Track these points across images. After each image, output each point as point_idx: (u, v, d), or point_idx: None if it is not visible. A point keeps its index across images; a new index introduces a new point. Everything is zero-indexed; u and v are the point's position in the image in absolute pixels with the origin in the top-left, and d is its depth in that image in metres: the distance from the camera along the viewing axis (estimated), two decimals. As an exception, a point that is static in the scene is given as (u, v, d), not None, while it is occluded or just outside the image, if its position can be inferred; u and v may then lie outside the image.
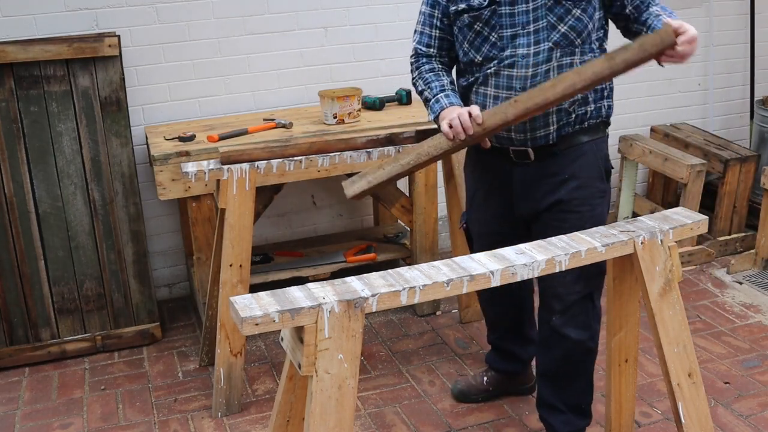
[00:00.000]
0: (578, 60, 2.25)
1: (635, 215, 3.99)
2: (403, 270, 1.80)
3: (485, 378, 2.87)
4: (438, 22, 2.38)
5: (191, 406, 2.92)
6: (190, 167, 2.59)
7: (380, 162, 2.42)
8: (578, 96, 2.24)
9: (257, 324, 1.59)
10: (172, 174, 3.05)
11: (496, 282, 1.81)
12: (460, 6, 2.29)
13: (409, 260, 3.49)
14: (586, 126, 2.32)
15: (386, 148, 2.71)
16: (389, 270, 1.81)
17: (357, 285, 1.73)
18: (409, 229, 3.44)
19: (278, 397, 1.91)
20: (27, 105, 3.03)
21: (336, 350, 1.67)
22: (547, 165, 2.33)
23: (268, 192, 3.01)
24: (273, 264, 3.45)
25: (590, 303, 2.39)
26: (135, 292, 3.29)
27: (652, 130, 4.28)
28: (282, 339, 1.79)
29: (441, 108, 2.31)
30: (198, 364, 3.19)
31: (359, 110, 3.40)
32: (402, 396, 2.92)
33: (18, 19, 3.25)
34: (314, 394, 1.67)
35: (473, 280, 1.79)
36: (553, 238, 1.98)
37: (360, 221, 4.05)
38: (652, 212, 2.63)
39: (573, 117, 2.28)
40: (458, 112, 2.22)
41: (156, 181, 3.08)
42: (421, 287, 1.74)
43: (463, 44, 2.33)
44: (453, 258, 1.87)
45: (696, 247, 3.87)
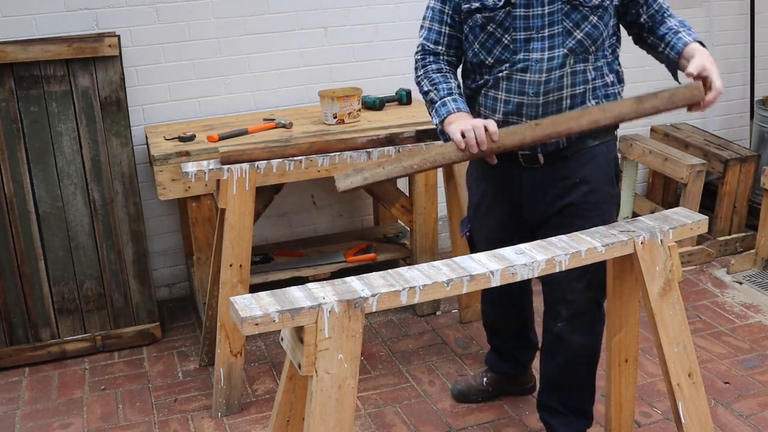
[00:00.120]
0: (591, 67, 2.20)
1: (635, 215, 3.99)
2: (403, 270, 1.80)
3: (485, 379, 2.86)
4: (448, 19, 2.27)
5: (191, 406, 2.92)
6: (190, 167, 2.59)
7: (379, 160, 2.41)
8: (593, 103, 2.22)
9: (257, 324, 1.59)
10: (172, 174, 3.05)
11: (496, 282, 1.81)
12: (474, 4, 2.19)
13: (409, 260, 3.49)
14: (596, 129, 2.29)
15: (386, 148, 2.72)
16: (389, 270, 1.81)
17: (357, 285, 1.73)
18: (409, 229, 3.44)
19: (278, 397, 1.91)
20: (27, 105, 3.03)
21: (336, 350, 1.67)
22: (558, 169, 2.28)
23: (268, 192, 3.01)
24: (273, 264, 3.45)
25: (597, 309, 2.38)
26: (135, 292, 3.29)
27: (652, 130, 4.28)
28: (282, 339, 1.79)
29: (448, 112, 2.21)
30: (198, 364, 3.19)
31: (359, 110, 3.40)
32: (402, 396, 2.92)
33: (18, 19, 3.25)
34: (314, 394, 1.67)
35: (473, 280, 1.79)
36: (553, 238, 1.97)
37: (360, 221, 4.05)
38: (652, 212, 2.63)
39: None
40: (474, 125, 2.09)
41: (156, 181, 3.08)
42: (421, 287, 1.74)
43: (474, 44, 2.24)
44: (453, 258, 1.87)
45: (696, 247, 3.87)
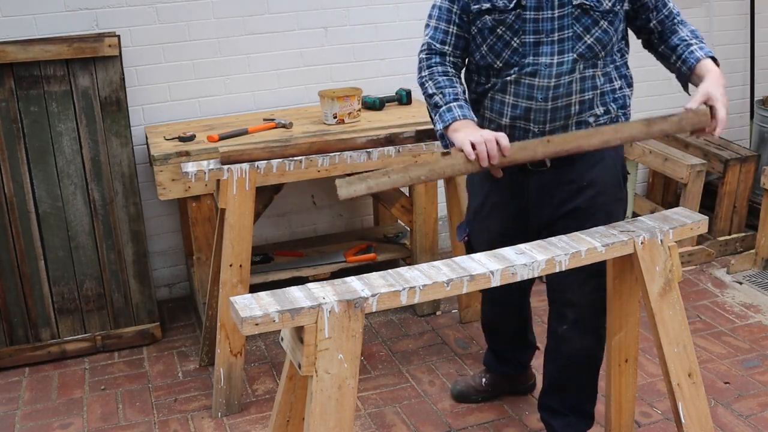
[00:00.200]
0: (600, 72, 2.18)
1: (635, 215, 3.98)
2: (403, 270, 1.80)
3: (483, 379, 2.86)
4: (456, 19, 2.21)
5: (191, 406, 2.92)
6: (190, 167, 2.59)
7: (381, 164, 2.38)
8: (601, 110, 2.20)
9: (257, 324, 1.59)
10: (172, 174, 3.05)
11: (496, 282, 1.81)
12: (484, 5, 2.14)
13: (409, 260, 3.49)
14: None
15: (386, 148, 2.71)
16: (389, 270, 1.81)
17: (357, 285, 1.73)
18: (409, 229, 3.44)
19: (278, 397, 1.91)
20: (27, 105, 3.03)
21: (336, 350, 1.67)
22: (565, 172, 2.25)
23: (268, 192, 3.01)
24: (273, 264, 3.45)
25: (602, 312, 2.36)
26: (135, 292, 3.29)
27: (652, 130, 4.28)
28: (282, 339, 1.79)
29: (453, 119, 2.14)
30: (198, 364, 3.19)
31: (359, 110, 3.40)
32: (402, 396, 2.92)
33: (18, 19, 3.25)
34: (314, 394, 1.67)
35: (473, 280, 1.78)
36: (553, 238, 1.97)
37: (360, 221, 4.05)
38: (652, 212, 2.63)
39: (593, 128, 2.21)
40: (486, 138, 2.01)
41: (156, 181, 3.08)
42: (421, 287, 1.74)
43: (482, 47, 2.20)
44: (453, 258, 1.87)
45: (696, 247, 3.87)
